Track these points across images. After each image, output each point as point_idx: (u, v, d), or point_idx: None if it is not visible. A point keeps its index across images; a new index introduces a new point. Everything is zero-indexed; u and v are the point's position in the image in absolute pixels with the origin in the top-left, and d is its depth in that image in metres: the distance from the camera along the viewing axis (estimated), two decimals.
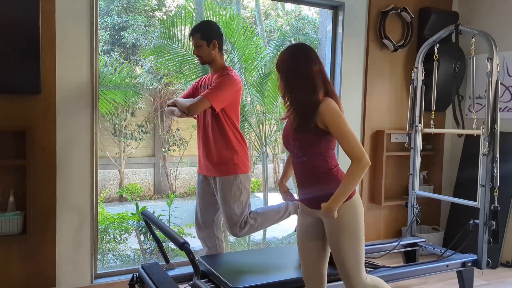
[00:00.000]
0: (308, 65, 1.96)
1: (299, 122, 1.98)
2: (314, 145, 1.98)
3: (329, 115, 1.92)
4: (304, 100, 1.96)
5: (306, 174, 2.06)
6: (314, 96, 1.94)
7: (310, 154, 2.00)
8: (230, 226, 2.75)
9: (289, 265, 2.74)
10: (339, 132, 1.92)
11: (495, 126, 2.97)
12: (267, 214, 2.84)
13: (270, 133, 5.68)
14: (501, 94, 4.01)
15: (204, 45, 2.66)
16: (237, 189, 2.72)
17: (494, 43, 3.00)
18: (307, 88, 1.95)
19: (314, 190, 2.04)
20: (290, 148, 2.07)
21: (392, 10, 3.97)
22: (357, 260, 2.04)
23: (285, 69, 2.00)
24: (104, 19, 8.74)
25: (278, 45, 5.17)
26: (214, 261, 2.71)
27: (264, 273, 2.56)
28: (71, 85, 2.90)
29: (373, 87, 4.03)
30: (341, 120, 1.92)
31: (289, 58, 1.99)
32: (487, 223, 3.01)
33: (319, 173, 2.02)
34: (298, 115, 1.98)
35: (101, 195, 7.92)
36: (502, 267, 3.79)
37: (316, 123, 1.94)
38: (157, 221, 2.52)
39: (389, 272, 2.78)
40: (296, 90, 1.97)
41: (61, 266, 2.94)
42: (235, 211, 2.71)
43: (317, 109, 1.93)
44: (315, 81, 1.95)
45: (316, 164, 2.01)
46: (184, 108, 2.59)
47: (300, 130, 1.98)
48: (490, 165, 3.01)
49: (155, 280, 2.36)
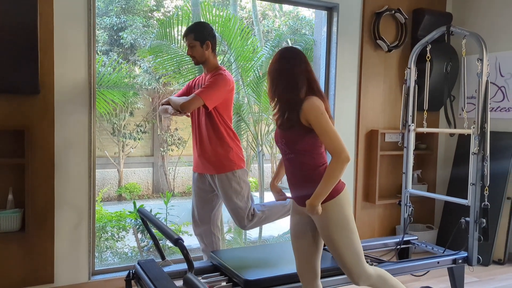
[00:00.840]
0: (293, 65, 2.05)
1: (283, 119, 2.06)
2: (299, 142, 2.04)
3: (312, 112, 1.98)
4: (287, 98, 2.04)
5: (294, 171, 2.12)
6: (296, 93, 2.03)
7: (297, 151, 2.07)
8: (238, 220, 2.84)
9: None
10: (321, 129, 1.98)
11: (485, 126, 3.02)
12: (274, 208, 2.93)
13: (266, 133, 5.74)
14: (494, 94, 4.07)
15: (197, 45, 2.73)
16: (237, 184, 2.80)
17: (484, 44, 3.05)
18: (290, 86, 2.03)
19: (302, 188, 2.10)
20: (279, 146, 2.14)
21: (386, 11, 4.03)
22: (353, 251, 2.09)
23: (272, 70, 2.09)
24: (102, 20, 8.79)
25: (274, 46, 5.23)
26: (225, 255, 2.78)
27: (275, 267, 2.65)
28: (69, 85, 2.95)
29: (368, 87, 4.09)
30: (323, 117, 1.98)
31: (276, 60, 2.09)
32: (478, 221, 3.06)
33: (306, 170, 2.08)
34: (282, 113, 2.07)
35: (99, 194, 7.98)
36: (494, 265, 3.85)
37: (300, 121, 2.01)
38: (153, 219, 2.57)
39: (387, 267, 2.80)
40: (280, 89, 2.05)
41: (59, 262, 2.99)
42: (239, 205, 2.79)
43: (301, 106, 2.00)
44: (297, 79, 2.03)
45: (303, 161, 2.07)
46: (177, 106, 2.65)
47: (285, 127, 2.06)
48: (481, 163, 3.06)
49: (150, 276, 2.40)
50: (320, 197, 1.99)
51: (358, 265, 2.11)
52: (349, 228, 2.08)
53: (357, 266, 2.11)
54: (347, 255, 2.09)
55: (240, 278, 2.44)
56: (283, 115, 2.07)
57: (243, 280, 2.41)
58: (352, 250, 2.09)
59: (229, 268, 2.56)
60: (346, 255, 2.09)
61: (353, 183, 4.09)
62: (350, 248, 2.09)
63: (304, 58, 2.09)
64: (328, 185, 1.98)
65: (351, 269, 2.11)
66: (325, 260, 2.69)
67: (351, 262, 2.10)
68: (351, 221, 2.10)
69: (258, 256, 2.88)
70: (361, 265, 2.12)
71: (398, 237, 3.53)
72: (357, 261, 2.11)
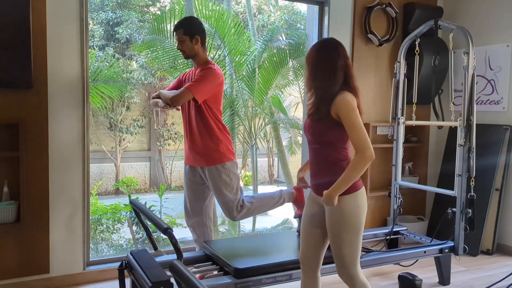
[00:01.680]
0: (332, 58, 2.07)
1: (315, 109, 2.11)
2: (326, 134, 2.10)
3: (343, 106, 2.01)
4: (323, 90, 2.08)
5: (317, 161, 2.17)
6: (332, 86, 2.06)
7: (322, 142, 2.12)
8: (227, 211, 2.91)
9: (287, 248, 2.91)
10: (350, 124, 2.01)
11: (471, 118, 3.08)
12: (263, 199, 3.00)
13: (260, 127, 5.79)
14: (484, 88, 4.13)
15: (187, 40, 2.78)
16: (226, 176, 2.85)
17: (471, 37, 3.10)
18: (327, 79, 2.07)
19: (322, 177, 2.15)
20: (306, 135, 2.20)
21: (377, 5, 4.07)
22: (353, 251, 2.12)
23: (311, 60, 2.13)
24: (98, 15, 8.82)
25: (267, 40, 5.27)
26: (217, 245, 2.86)
27: (264, 256, 2.73)
28: (62, 79, 3.00)
29: (359, 80, 4.06)
30: (353, 113, 2.01)
31: (316, 51, 2.12)
32: (464, 211, 3.13)
33: (328, 162, 2.12)
34: (315, 103, 2.11)
35: (95, 187, 8.04)
36: (483, 255, 3.91)
37: (330, 113, 2.05)
38: (144, 209, 2.64)
39: (366, 258, 2.88)
40: (317, 80, 2.09)
41: (54, 253, 3.06)
42: (228, 197, 2.86)
43: (333, 99, 2.04)
44: (335, 73, 2.06)
45: (326, 153, 2.12)
46: (167, 100, 2.71)
47: (315, 118, 2.11)
48: (467, 155, 3.12)
49: (142, 265, 2.46)
50: (338, 190, 2.01)
51: (353, 266, 2.14)
52: (358, 228, 2.11)
53: (352, 266, 2.14)
54: (346, 253, 2.11)
55: (231, 267, 2.51)
56: (316, 105, 2.12)
57: (233, 269, 2.49)
58: (352, 250, 2.12)
59: (220, 258, 2.63)
60: (345, 253, 2.11)
61: None
62: (351, 249, 2.11)
63: (344, 53, 2.12)
64: (349, 179, 2.00)
65: (344, 266, 2.13)
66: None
67: (348, 261, 2.13)
68: (361, 222, 2.12)
69: (248, 245, 2.97)
70: (356, 266, 2.15)
71: (388, 228, 3.60)
72: (353, 261, 2.14)
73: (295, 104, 9.84)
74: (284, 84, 5.95)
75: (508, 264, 3.69)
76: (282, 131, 7.65)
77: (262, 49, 5.17)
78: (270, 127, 6.34)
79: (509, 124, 3.92)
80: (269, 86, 5.22)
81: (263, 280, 2.51)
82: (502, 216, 3.96)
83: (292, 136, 8.55)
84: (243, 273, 2.48)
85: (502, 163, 3.92)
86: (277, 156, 9.96)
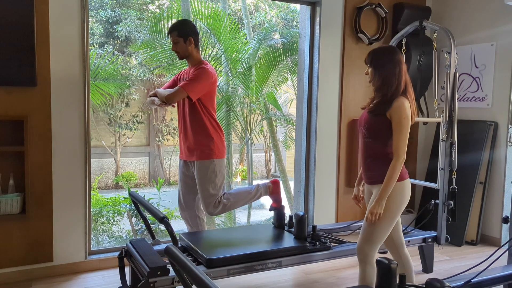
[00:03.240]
0: (398, 64, 2.35)
1: (375, 107, 2.37)
2: (379, 130, 2.35)
3: (398, 112, 2.28)
4: (384, 92, 2.34)
5: (367, 153, 2.44)
6: (393, 90, 2.32)
7: (374, 137, 2.38)
8: (205, 205, 3.03)
9: (260, 240, 3.03)
10: (398, 129, 2.29)
11: (453, 114, 3.25)
12: (239, 195, 3.13)
13: (255, 123, 5.95)
14: (469, 85, 4.29)
15: (181, 41, 2.93)
16: (212, 172, 2.99)
17: (453, 38, 3.26)
18: (392, 84, 2.33)
19: (373, 169, 2.41)
20: (360, 129, 2.47)
21: (367, 5, 4.22)
22: (381, 232, 2.34)
23: (377, 64, 2.37)
24: (98, 13, 8.95)
25: (261, 39, 5.42)
26: (193, 237, 2.99)
27: (237, 247, 2.84)
28: (65, 78, 3.16)
29: (349, 78, 4.29)
30: (405, 121, 2.28)
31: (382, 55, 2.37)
32: (446, 203, 3.30)
33: (377, 155, 2.39)
34: (377, 103, 2.38)
35: (95, 180, 8.19)
36: (467, 245, 4.09)
37: (385, 113, 2.31)
38: (142, 201, 2.80)
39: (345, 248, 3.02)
40: (384, 84, 2.34)
41: (57, 243, 3.22)
42: (210, 192, 2.98)
43: (391, 103, 2.30)
44: (400, 79, 2.34)
45: (377, 147, 2.38)
46: (163, 98, 2.87)
47: (372, 114, 2.38)
48: (449, 149, 3.29)
49: (141, 253, 2.63)
50: (385, 197, 2.28)
51: (374, 246, 2.36)
52: (394, 214, 2.34)
53: (373, 246, 2.35)
54: (375, 231, 2.33)
55: (203, 257, 2.62)
56: (376, 104, 2.37)
57: (205, 259, 2.60)
58: (382, 231, 2.34)
59: (194, 248, 2.75)
60: (374, 230, 2.33)
61: (335, 170, 4.31)
62: (382, 229, 2.33)
63: (403, 60, 2.38)
64: (390, 183, 2.28)
65: (368, 242, 2.35)
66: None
67: (373, 239, 2.34)
68: (399, 209, 2.36)
69: (223, 237, 3.07)
70: (375, 248, 2.37)
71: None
72: (376, 242, 2.35)
73: (290, 100, 9.98)
74: (279, 82, 6.11)
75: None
76: (278, 127, 7.81)
77: (256, 48, 5.32)
78: (266, 122, 6.49)
79: (493, 120, 4.08)
80: (264, 83, 5.38)
81: (232, 270, 2.62)
82: (486, 208, 4.13)
83: (287, 132, 8.71)
84: (214, 262, 2.58)
85: (486, 157, 4.09)
86: (274, 152, 10.11)
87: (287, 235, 3.09)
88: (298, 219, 2.97)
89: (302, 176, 4.29)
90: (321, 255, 2.91)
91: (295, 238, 2.98)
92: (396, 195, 2.33)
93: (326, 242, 2.95)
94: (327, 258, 2.95)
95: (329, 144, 4.25)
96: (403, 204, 2.38)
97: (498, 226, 4.06)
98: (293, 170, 4.48)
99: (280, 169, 6.52)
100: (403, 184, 2.37)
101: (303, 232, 2.96)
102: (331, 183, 4.29)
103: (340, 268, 3.46)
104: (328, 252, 2.92)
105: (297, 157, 4.38)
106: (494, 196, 4.09)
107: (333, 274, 3.36)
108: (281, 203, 3.26)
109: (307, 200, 4.28)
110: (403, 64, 2.37)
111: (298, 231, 2.97)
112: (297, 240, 2.96)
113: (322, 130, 4.20)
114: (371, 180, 2.43)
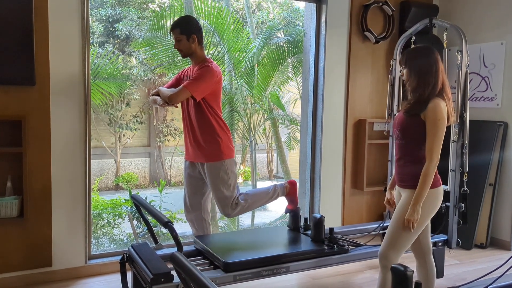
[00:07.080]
0: (436, 65, 2.27)
1: (410, 108, 2.30)
2: (413, 132, 2.28)
3: (433, 113, 2.21)
4: (420, 93, 2.27)
5: (399, 155, 2.39)
6: (429, 91, 2.25)
7: (408, 139, 2.31)
8: (222, 208, 2.96)
9: (277, 243, 2.97)
10: (432, 132, 2.22)
11: (465, 115, 3.15)
12: (257, 195, 3.06)
13: (259, 123, 5.86)
14: (478, 84, 4.19)
15: (183, 39, 2.83)
16: (224, 173, 2.91)
17: (464, 35, 3.16)
18: (428, 85, 2.25)
19: (401, 171, 2.37)
20: (395, 130, 2.40)
21: (374, 3, 4.13)
22: (407, 238, 2.26)
23: (413, 65, 2.29)
24: (98, 12, 8.86)
25: (266, 38, 5.33)
26: (207, 240, 2.92)
27: (254, 250, 2.79)
28: (64, 77, 3.06)
29: (356, 77, 4.20)
30: (440, 122, 2.21)
31: (419, 56, 2.29)
32: (457, 206, 3.20)
33: (410, 157, 2.32)
34: (411, 102, 2.31)
35: (95, 182, 8.11)
36: (476, 248, 3.99)
37: (420, 115, 2.24)
38: (145, 203, 2.71)
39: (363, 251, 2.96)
40: (420, 85, 2.27)
41: (56, 247, 3.13)
42: (224, 194, 2.91)
43: (427, 104, 2.23)
44: (437, 81, 2.26)
45: (411, 149, 2.31)
46: (165, 98, 2.76)
47: (407, 115, 2.31)
48: (460, 151, 3.19)
49: (143, 258, 2.54)
50: (420, 203, 2.21)
51: (398, 252, 2.28)
52: (422, 220, 2.26)
53: (397, 252, 2.28)
54: (401, 236, 2.25)
55: (220, 261, 2.56)
56: (412, 105, 2.30)
57: (223, 263, 2.53)
58: (408, 237, 2.26)
59: (211, 252, 2.68)
60: (401, 235, 2.25)
61: (342, 171, 4.22)
62: (408, 235, 2.25)
63: (440, 60, 2.30)
64: (424, 189, 2.21)
65: (393, 248, 2.27)
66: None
67: (399, 244, 2.27)
68: (427, 216, 2.29)
69: (239, 240, 3.02)
70: (399, 254, 2.29)
71: (384, 222, 3.67)
72: (401, 248, 2.28)
73: (293, 100, 9.89)
74: (283, 81, 6.02)
75: (501, 258, 3.76)
76: (281, 127, 7.72)
77: (260, 47, 5.23)
78: (269, 123, 6.40)
79: (503, 120, 3.99)
80: (267, 83, 5.29)
81: (251, 274, 2.57)
82: (496, 210, 4.03)
83: (291, 132, 8.63)
84: (232, 266, 2.52)
85: (496, 158, 4.00)
86: (276, 152, 10.03)
87: (303, 238, 3.04)
88: (316, 222, 2.92)
89: (308, 177, 4.20)
90: (339, 258, 2.85)
91: (312, 240, 2.93)
92: (427, 202, 2.26)
93: (344, 245, 2.90)
94: (344, 262, 2.90)
95: (335, 145, 4.16)
96: (432, 212, 2.31)
97: (509, 229, 3.97)
98: (295, 171, 4.39)
99: (284, 170, 6.43)
100: (436, 192, 2.30)
101: (321, 235, 2.92)
102: (337, 184, 4.20)
103: (349, 273, 3.37)
104: (345, 255, 2.87)
105: (302, 158, 4.29)
106: (504, 198, 4.00)
107: (341, 279, 3.27)
108: (296, 204, 3.21)
109: (313, 202, 4.19)
110: (440, 63, 2.29)
111: (316, 234, 2.92)
112: (314, 243, 2.90)
113: (328, 130, 4.11)
114: (402, 184, 2.38)
